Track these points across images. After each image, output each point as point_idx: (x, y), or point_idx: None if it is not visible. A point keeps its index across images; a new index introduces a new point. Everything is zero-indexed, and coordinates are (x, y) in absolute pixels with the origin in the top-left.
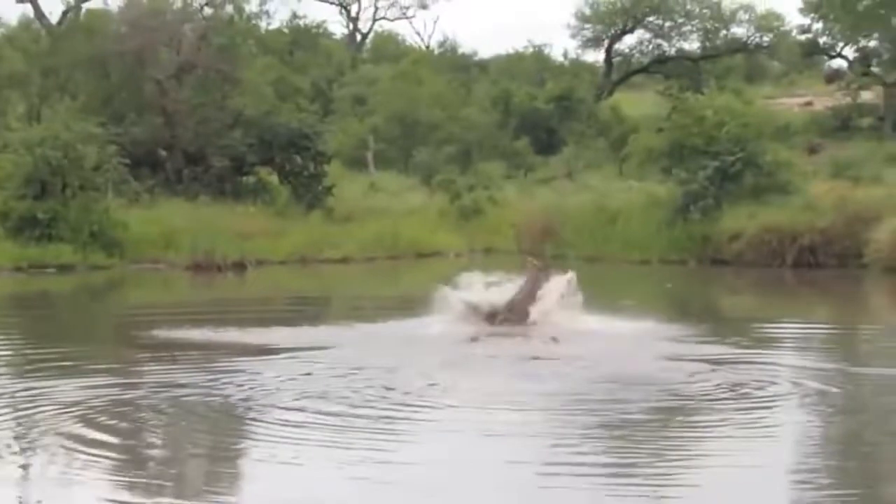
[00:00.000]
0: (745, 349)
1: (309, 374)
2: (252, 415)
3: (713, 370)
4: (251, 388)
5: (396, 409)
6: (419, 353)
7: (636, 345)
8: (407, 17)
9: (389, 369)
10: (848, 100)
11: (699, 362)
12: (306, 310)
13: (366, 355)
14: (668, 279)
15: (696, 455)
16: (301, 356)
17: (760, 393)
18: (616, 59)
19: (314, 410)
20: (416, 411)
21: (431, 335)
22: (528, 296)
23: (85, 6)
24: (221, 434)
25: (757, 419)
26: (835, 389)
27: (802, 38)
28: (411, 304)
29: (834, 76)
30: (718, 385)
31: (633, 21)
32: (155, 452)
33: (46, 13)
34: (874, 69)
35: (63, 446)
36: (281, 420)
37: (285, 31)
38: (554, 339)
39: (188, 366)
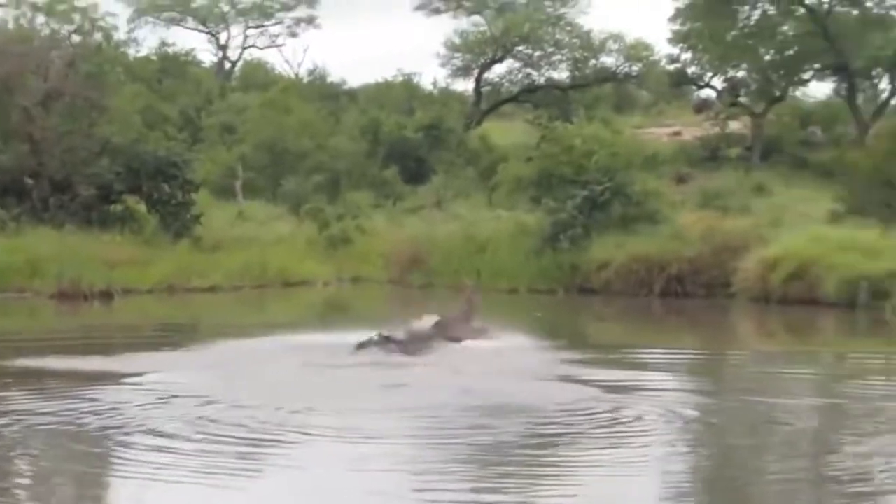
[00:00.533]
0: (617, 376)
1: (169, 402)
2: (109, 444)
3: (587, 397)
4: (111, 417)
5: (258, 440)
6: (285, 382)
7: (510, 369)
8: (276, 46)
9: (254, 398)
10: (716, 130)
11: (573, 387)
12: (172, 338)
13: (228, 383)
14: (537, 308)
15: (565, 485)
16: (163, 384)
17: (631, 421)
18: (485, 89)
19: (176, 439)
20: (278, 442)
21: (298, 363)
22: (465, 315)
23: None
24: (79, 462)
25: (628, 449)
26: (707, 418)
27: (671, 68)
28: (277, 332)
29: (702, 106)
30: (592, 413)
31: (502, 50)
32: (14, 481)
33: None
34: (742, 99)
35: None
36: (141, 449)
37: (154, 58)
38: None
39: (51, 394)
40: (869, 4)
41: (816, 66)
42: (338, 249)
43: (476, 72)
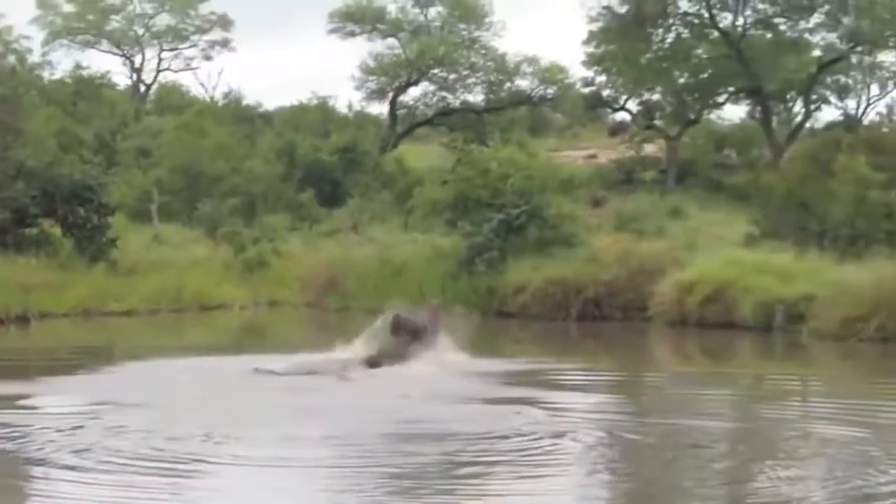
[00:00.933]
0: (534, 397)
1: (83, 427)
2: (19, 471)
3: (507, 420)
4: (23, 443)
5: (176, 464)
6: (203, 406)
7: (430, 389)
8: (191, 69)
9: (170, 422)
10: (631, 153)
11: (493, 409)
12: (87, 361)
13: (146, 408)
14: (454, 331)
15: None
16: (78, 409)
17: (551, 444)
18: (401, 112)
19: (87, 471)
20: (196, 467)
21: (216, 387)
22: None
23: None
24: None
25: (550, 471)
26: (629, 440)
27: (586, 91)
28: (193, 356)
29: (617, 129)
30: (508, 437)
31: (417, 73)
32: None
33: None
34: (657, 122)
35: None
36: (53, 479)
37: (68, 81)
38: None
39: None
40: (782, 28)
41: (731, 89)
42: (254, 273)
43: (391, 95)
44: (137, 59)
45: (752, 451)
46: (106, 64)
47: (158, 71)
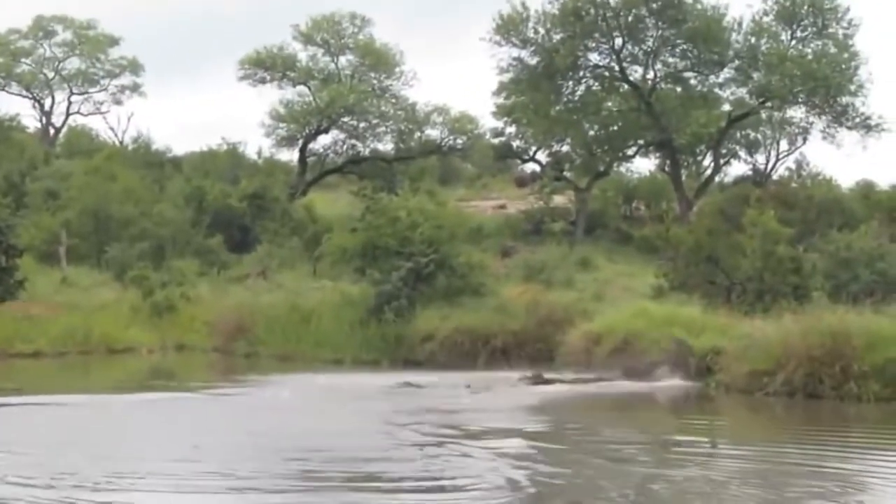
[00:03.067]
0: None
1: None
2: None
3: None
4: None
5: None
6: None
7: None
8: (101, 113)
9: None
10: (541, 204)
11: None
12: None
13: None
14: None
15: None
16: None
17: (461, 482)
18: (310, 159)
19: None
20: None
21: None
22: None
23: None
24: None
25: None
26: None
27: (496, 141)
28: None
29: (524, 180)
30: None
31: (327, 121)
32: None
33: None
34: (566, 174)
35: None
36: None
37: None
38: None
39: None
40: (693, 82)
41: (640, 142)
42: (162, 317)
43: (301, 142)
44: (47, 103)
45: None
46: (15, 106)
47: (68, 114)
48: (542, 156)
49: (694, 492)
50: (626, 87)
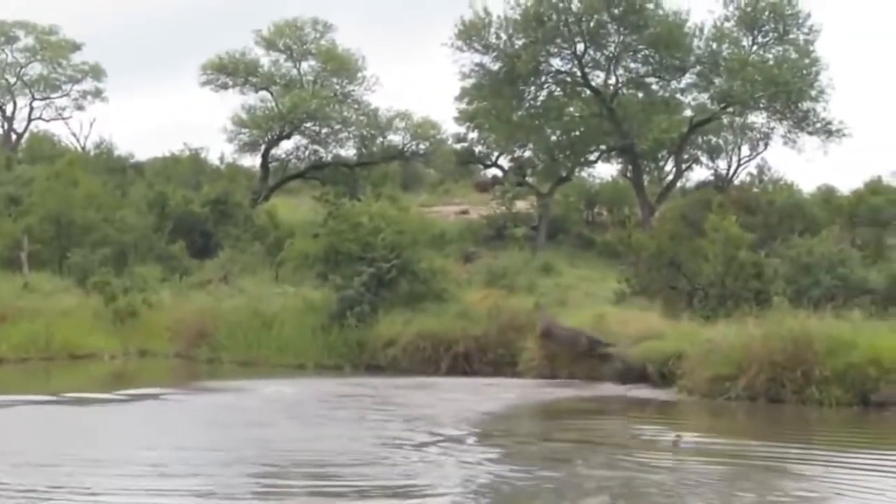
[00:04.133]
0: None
1: None
2: None
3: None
4: None
5: None
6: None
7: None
8: (63, 118)
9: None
10: (503, 209)
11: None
12: None
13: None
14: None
15: None
16: None
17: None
18: (273, 164)
19: None
20: None
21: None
22: None
23: None
24: None
25: None
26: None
27: (458, 146)
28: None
29: (485, 185)
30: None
31: (289, 127)
32: None
33: None
34: (529, 179)
35: None
36: None
37: None
38: None
39: None
40: (654, 87)
41: (602, 147)
42: (125, 323)
43: (263, 147)
44: (9, 108)
45: None
46: None
47: (30, 120)
48: (504, 161)
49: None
50: (588, 92)
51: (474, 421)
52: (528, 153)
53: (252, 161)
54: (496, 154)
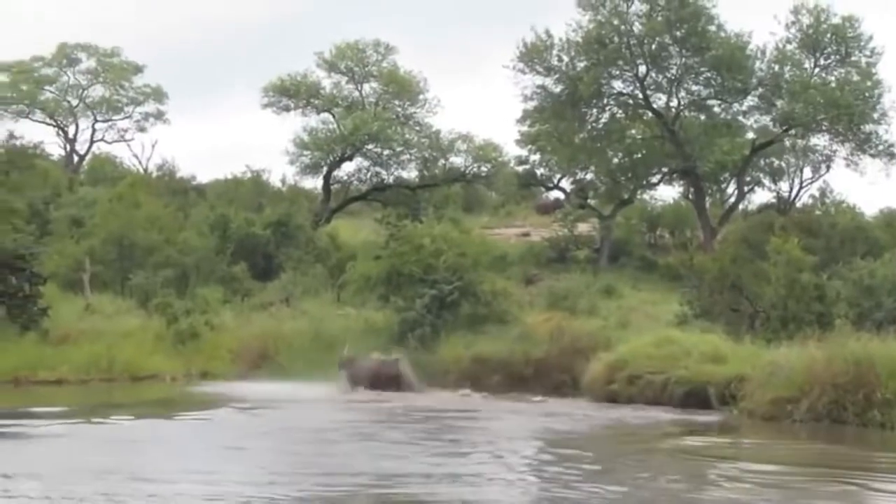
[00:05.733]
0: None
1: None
2: None
3: None
4: None
5: None
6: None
7: None
8: (125, 140)
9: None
10: (565, 231)
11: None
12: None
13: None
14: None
15: None
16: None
17: None
18: (334, 186)
19: None
20: None
21: None
22: None
23: None
24: None
25: None
26: None
27: (520, 169)
28: None
29: (546, 207)
30: None
31: (351, 149)
32: None
33: None
34: (590, 201)
35: None
36: None
37: (1, 151)
38: None
39: None
40: (717, 110)
41: (664, 169)
42: (186, 344)
43: (325, 169)
44: (71, 130)
45: None
46: (39, 134)
47: (92, 142)
48: (566, 183)
49: None
50: (649, 114)
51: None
52: (589, 175)
53: (314, 183)
54: (558, 176)
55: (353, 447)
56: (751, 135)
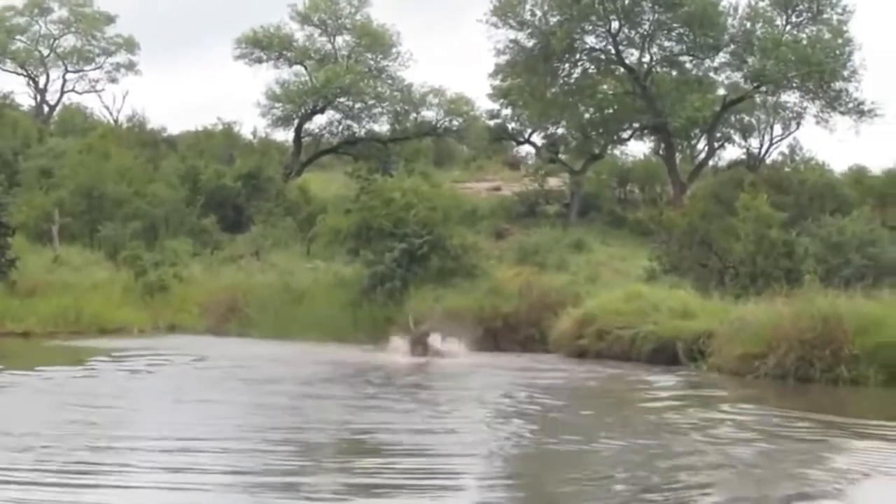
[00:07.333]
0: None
1: None
2: None
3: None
4: None
5: None
6: None
7: None
8: (96, 91)
9: None
10: (535, 186)
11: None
12: None
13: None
14: None
15: None
16: None
17: None
18: (305, 139)
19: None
20: None
21: None
22: None
23: None
24: None
25: None
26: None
27: (491, 123)
28: None
29: (515, 161)
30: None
31: (323, 101)
32: None
33: None
34: (561, 156)
35: None
36: None
37: None
38: None
39: None
40: (688, 66)
41: (635, 125)
42: (154, 297)
43: (296, 122)
44: (42, 80)
45: None
46: (9, 84)
47: (63, 92)
48: (537, 138)
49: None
50: (621, 70)
51: None
52: (561, 130)
53: (285, 136)
54: (529, 131)
55: (322, 402)
56: (722, 91)
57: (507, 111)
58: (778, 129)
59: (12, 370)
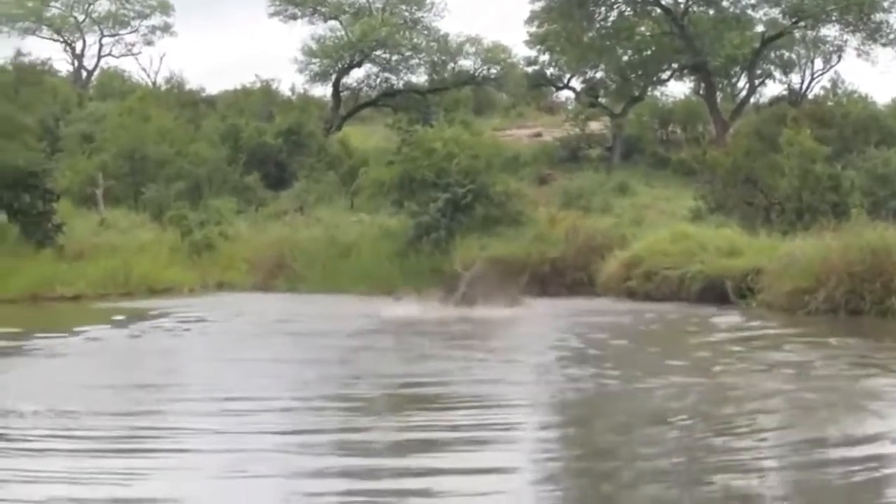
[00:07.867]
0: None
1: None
2: None
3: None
4: None
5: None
6: None
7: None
8: (133, 54)
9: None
10: (576, 131)
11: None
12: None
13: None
14: None
15: None
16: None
17: None
18: (344, 94)
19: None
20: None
21: None
22: None
23: None
24: None
25: None
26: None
27: (529, 70)
28: None
29: (555, 107)
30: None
31: (360, 55)
32: None
33: None
34: (601, 100)
35: None
36: None
37: (9, 68)
38: None
39: None
40: (725, 4)
41: (674, 65)
42: (202, 256)
43: (334, 77)
44: (78, 46)
45: None
46: (47, 51)
47: (100, 57)
48: (576, 83)
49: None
50: (658, 11)
51: None
52: (599, 74)
53: (323, 91)
54: (568, 76)
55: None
56: (760, 28)
57: (545, 57)
58: (819, 63)
59: (58, 332)
